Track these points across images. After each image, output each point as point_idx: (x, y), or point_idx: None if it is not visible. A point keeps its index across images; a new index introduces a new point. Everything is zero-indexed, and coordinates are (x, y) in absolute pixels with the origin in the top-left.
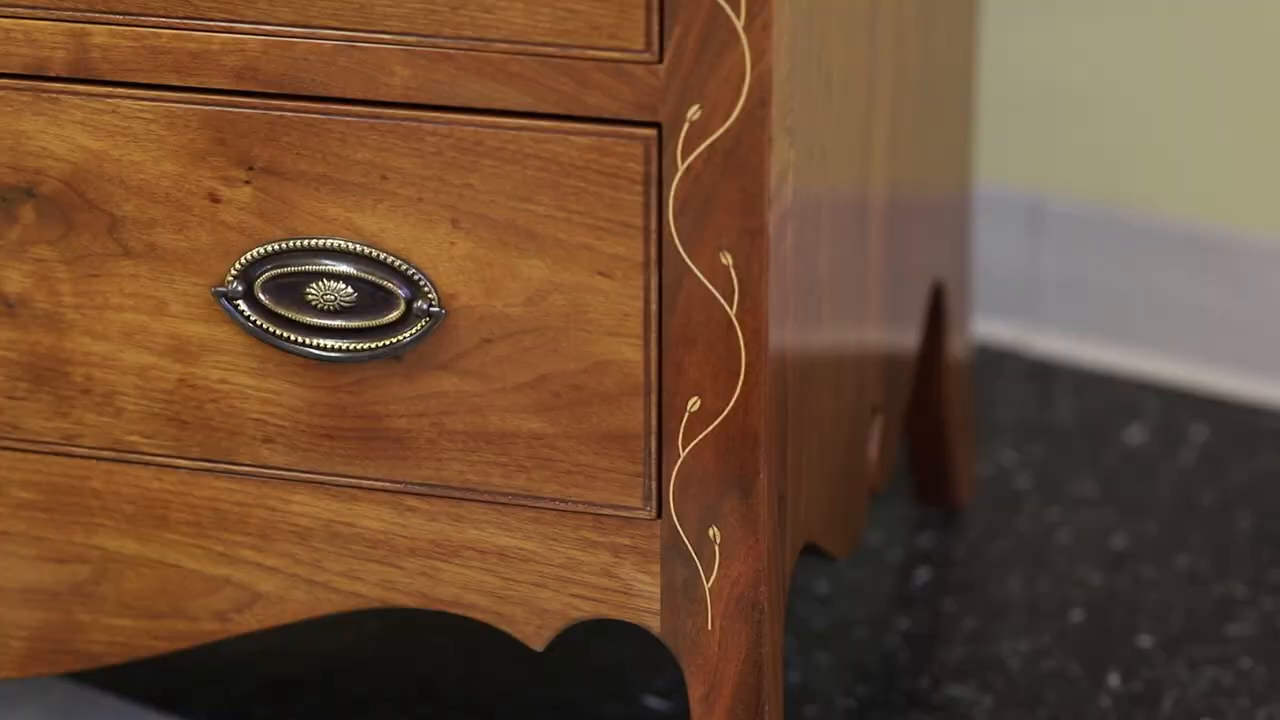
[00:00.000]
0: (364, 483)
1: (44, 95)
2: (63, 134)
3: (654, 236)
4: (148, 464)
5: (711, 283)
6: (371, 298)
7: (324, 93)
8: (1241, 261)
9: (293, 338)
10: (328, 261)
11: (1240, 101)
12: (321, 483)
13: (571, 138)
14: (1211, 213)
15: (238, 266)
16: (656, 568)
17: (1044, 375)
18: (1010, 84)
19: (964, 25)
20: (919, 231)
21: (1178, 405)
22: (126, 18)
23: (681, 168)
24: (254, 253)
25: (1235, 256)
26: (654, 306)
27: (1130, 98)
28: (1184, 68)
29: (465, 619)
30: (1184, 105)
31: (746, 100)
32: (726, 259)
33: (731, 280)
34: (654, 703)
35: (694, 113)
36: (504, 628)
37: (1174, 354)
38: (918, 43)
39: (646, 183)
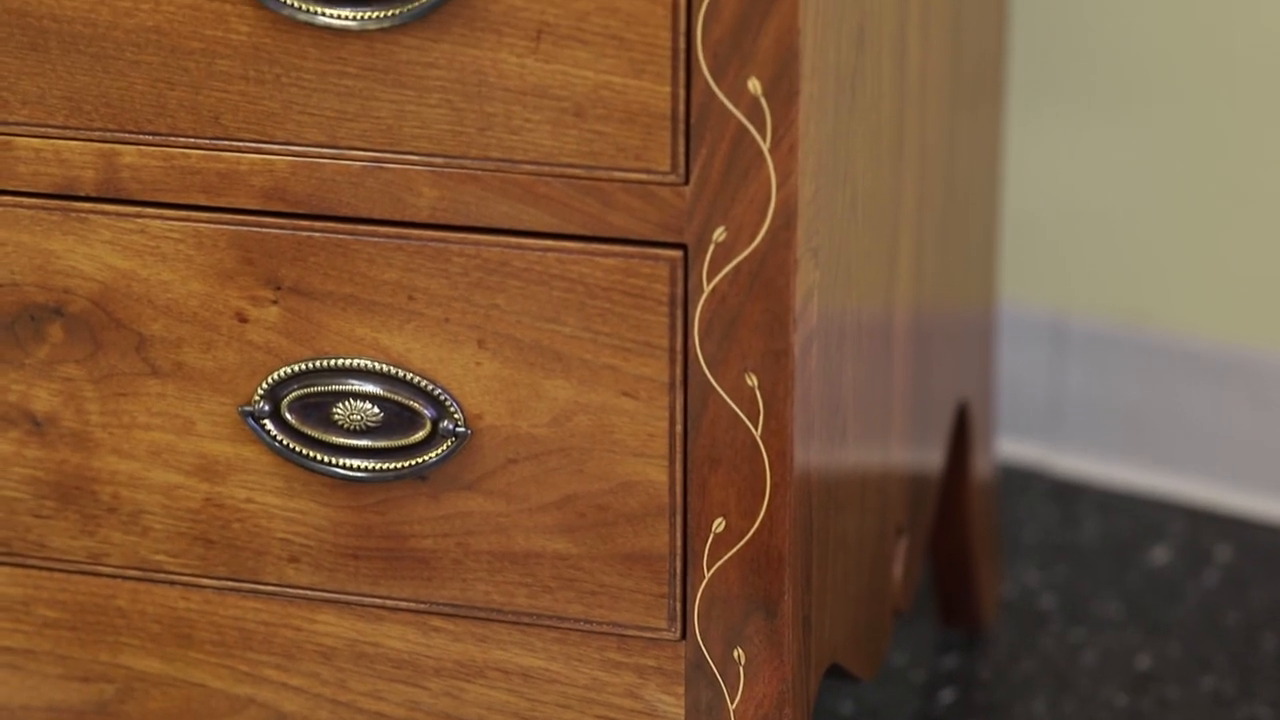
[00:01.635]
0: (389, 603)
1: (73, 215)
2: (91, 253)
3: (679, 357)
4: (174, 583)
5: (736, 404)
6: (397, 417)
7: (351, 213)
8: (1266, 381)
9: (319, 457)
10: (354, 381)
11: (1265, 221)
12: (347, 602)
13: (597, 259)
14: (1236, 332)
15: (264, 386)
16: (681, 689)
17: (1068, 495)
18: (1033, 202)
19: (988, 144)
20: (943, 351)
21: (1203, 526)
22: (156, 138)
23: (707, 289)
24: (281, 372)
25: (1260, 376)
26: (679, 427)
27: (1154, 216)
28: (1208, 186)
29: None
30: (1208, 224)
31: (772, 222)
32: (752, 380)
33: (756, 401)
34: None
35: (720, 234)
36: None
37: (1199, 474)
38: (942, 161)
39: (672, 304)
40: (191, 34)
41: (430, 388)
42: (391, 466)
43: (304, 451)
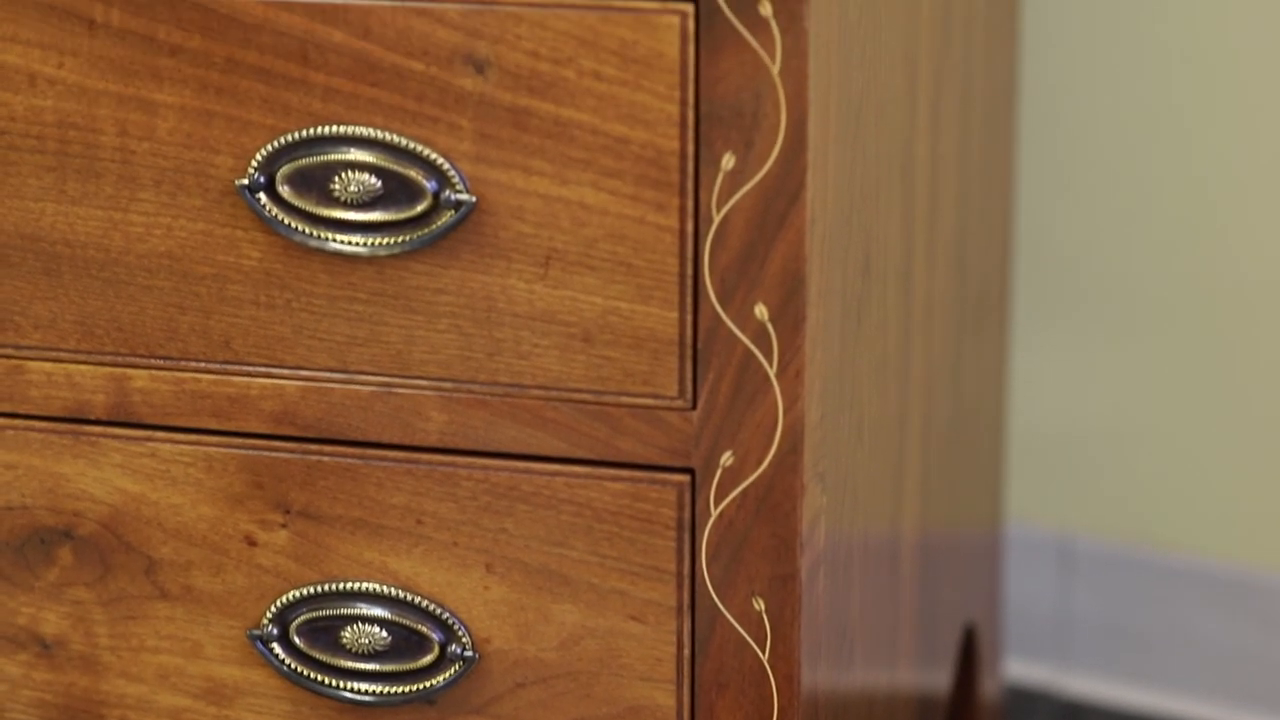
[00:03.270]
0: None
1: (84, 438)
2: (102, 476)
3: (687, 582)
4: None
5: (744, 628)
6: (406, 641)
7: (361, 437)
8: (1275, 602)
9: (327, 681)
10: (363, 605)
11: (1272, 442)
12: None
13: (605, 483)
14: (1245, 553)
15: (273, 610)
16: None
17: (1077, 717)
18: (1039, 422)
19: (993, 366)
20: (950, 572)
21: None
22: (167, 362)
23: (714, 514)
24: (289, 596)
25: (1268, 597)
26: (686, 651)
27: (1160, 436)
28: (1214, 407)
29: None
30: (1214, 444)
31: (779, 447)
32: (759, 604)
33: (764, 625)
34: None
35: (727, 459)
36: None
37: (1208, 696)
38: (948, 384)
39: (679, 528)
40: (203, 259)
41: (438, 611)
42: (399, 690)
43: (312, 675)
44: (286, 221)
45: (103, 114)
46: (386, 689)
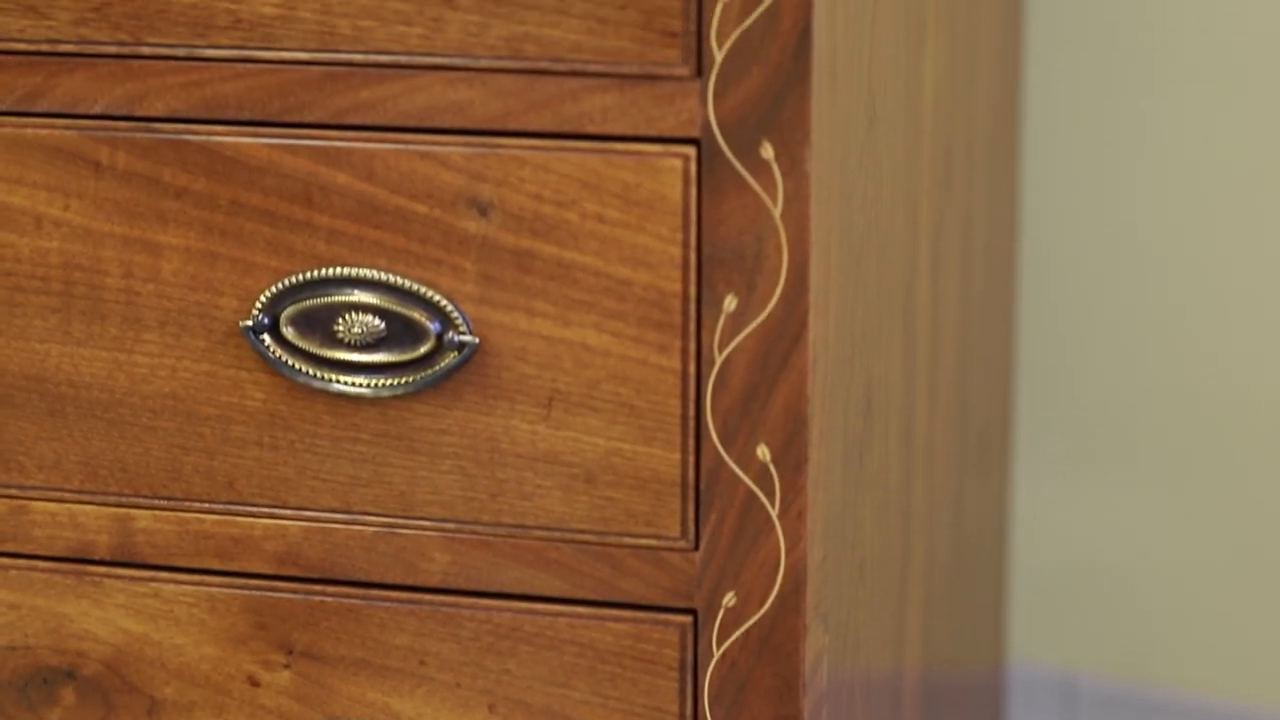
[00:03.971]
0: None
1: (87, 578)
2: (105, 616)
3: None
4: None
5: None
6: None
7: (364, 578)
8: None
9: None
10: None
11: (1276, 581)
12: None
13: (608, 624)
14: (1249, 693)
15: None
16: None
17: None
18: (1041, 561)
19: (995, 504)
20: (952, 712)
21: None
22: (170, 503)
23: (716, 654)
24: None
25: None
26: None
27: (1164, 575)
28: (1219, 545)
29: None
30: (1219, 583)
31: (781, 587)
32: None
33: None
34: None
35: (729, 599)
36: None
37: None
38: (950, 522)
39: (682, 669)
40: (207, 400)
41: None
42: None
43: None
44: (290, 363)
45: (108, 255)
46: None
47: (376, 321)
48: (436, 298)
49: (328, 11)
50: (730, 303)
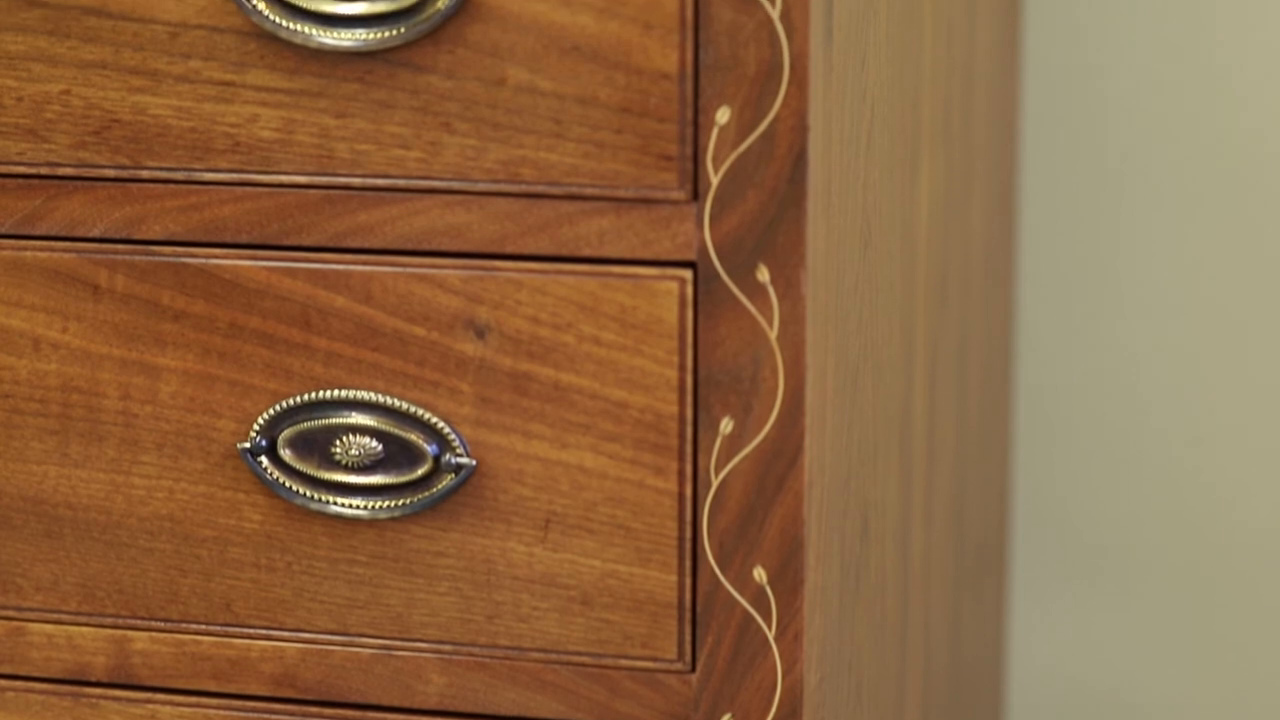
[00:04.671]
0: None
1: (84, 700)
2: None
3: None
4: None
5: None
6: None
7: (361, 700)
8: None
9: None
10: None
11: (1276, 703)
12: None
13: None
14: None
15: None
16: None
17: None
18: (1039, 682)
19: (992, 626)
20: None
21: None
22: (168, 624)
23: None
24: None
25: None
26: None
27: (1163, 698)
28: (1218, 670)
29: None
30: (1216, 706)
31: (778, 710)
32: None
33: None
34: None
35: None
36: None
37: None
38: (946, 643)
39: None
40: (205, 522)
41: None
42: None
43: None
44: (288, 485)
45: (106, 378)
46: None
47: (374, 443)
48: (434, 420)
49: (326, 135)
50: (727, 425)
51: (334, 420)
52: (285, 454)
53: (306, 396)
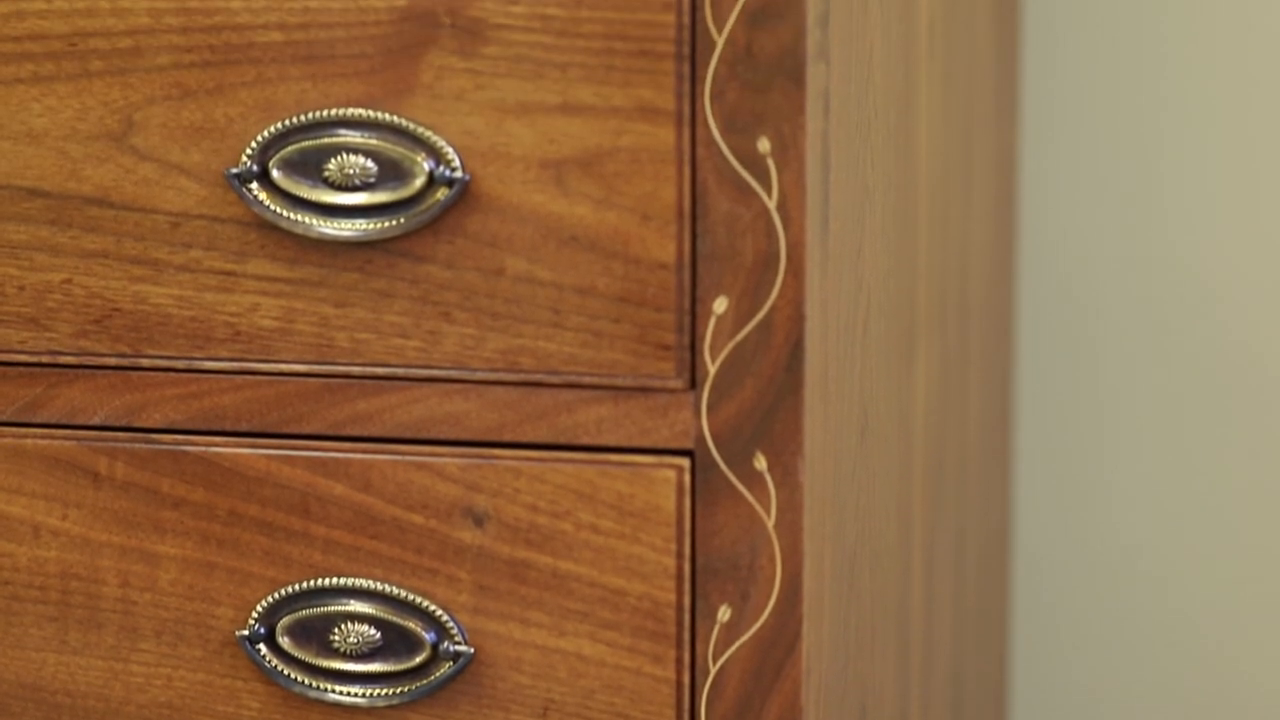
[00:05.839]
0: None
1: None
2: None
3: None
4: None
5: None
6: None
7: None
8: None
9: None
10: None
11: None
12: None
13: None
14: None
15: None
16: None
17: None
18: None
19: None
20: None
21: None
22: None
23: None
24: None
25: None
26: None
27: None
28: None
29: None
30: None
31: None
32: None
33: None
34: None
35: None
36: None
37: None
38: None
39: None
40: (203, 709)
41: None
42: None
43: None
44: (286, 672)
45: (105, 565)
46: None
47: (372, 631)
48: (432, 608)
49: (326, 324)
50: (724, 613)
51: (332, 608)
52: (284, 641)
53: (305, 584)
